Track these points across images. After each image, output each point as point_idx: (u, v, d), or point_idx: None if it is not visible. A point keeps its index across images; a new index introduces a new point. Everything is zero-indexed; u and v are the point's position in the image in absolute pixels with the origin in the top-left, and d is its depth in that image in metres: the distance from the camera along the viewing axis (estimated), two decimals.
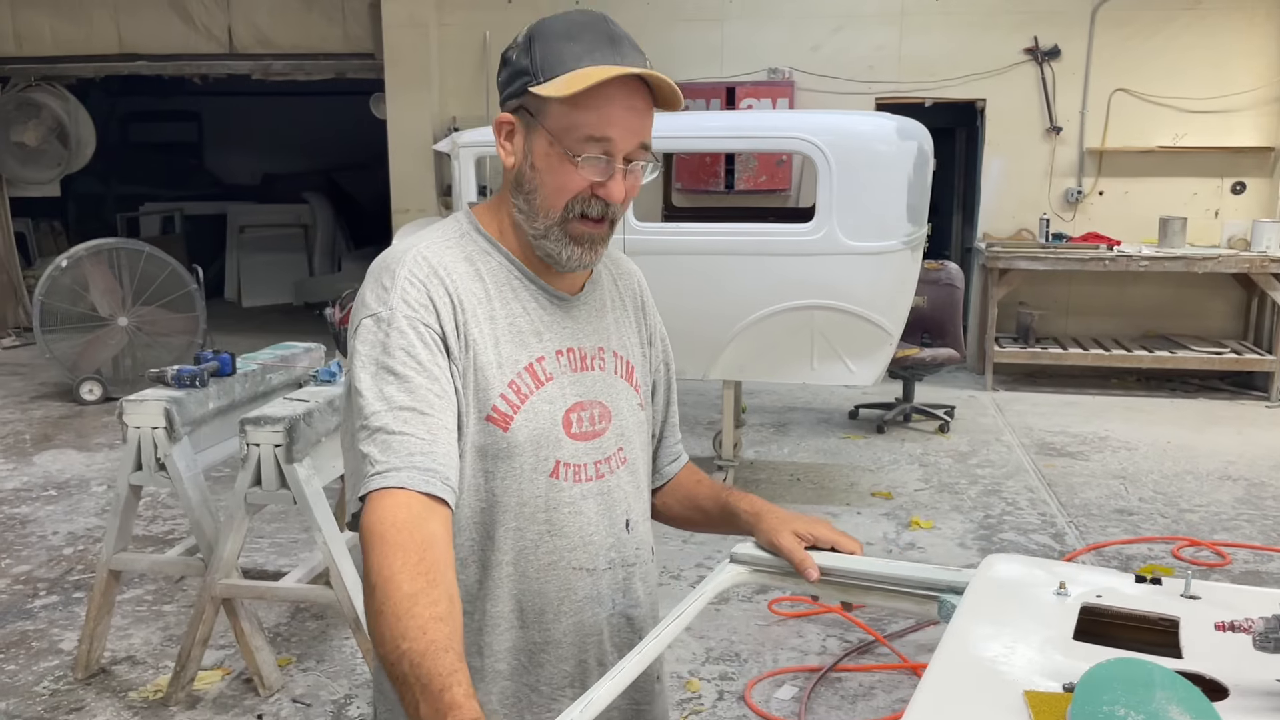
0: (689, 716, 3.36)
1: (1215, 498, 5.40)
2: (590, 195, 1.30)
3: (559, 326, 1.39)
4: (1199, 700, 0.99)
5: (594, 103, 1.26)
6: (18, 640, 3.88)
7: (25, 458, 6.15)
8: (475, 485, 1.33)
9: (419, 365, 1.24)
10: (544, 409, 1.34)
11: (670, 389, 1.62)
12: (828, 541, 1.46)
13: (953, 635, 1.18)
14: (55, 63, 9.52)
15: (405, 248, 1.34)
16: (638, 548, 1.46)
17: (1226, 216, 7.79)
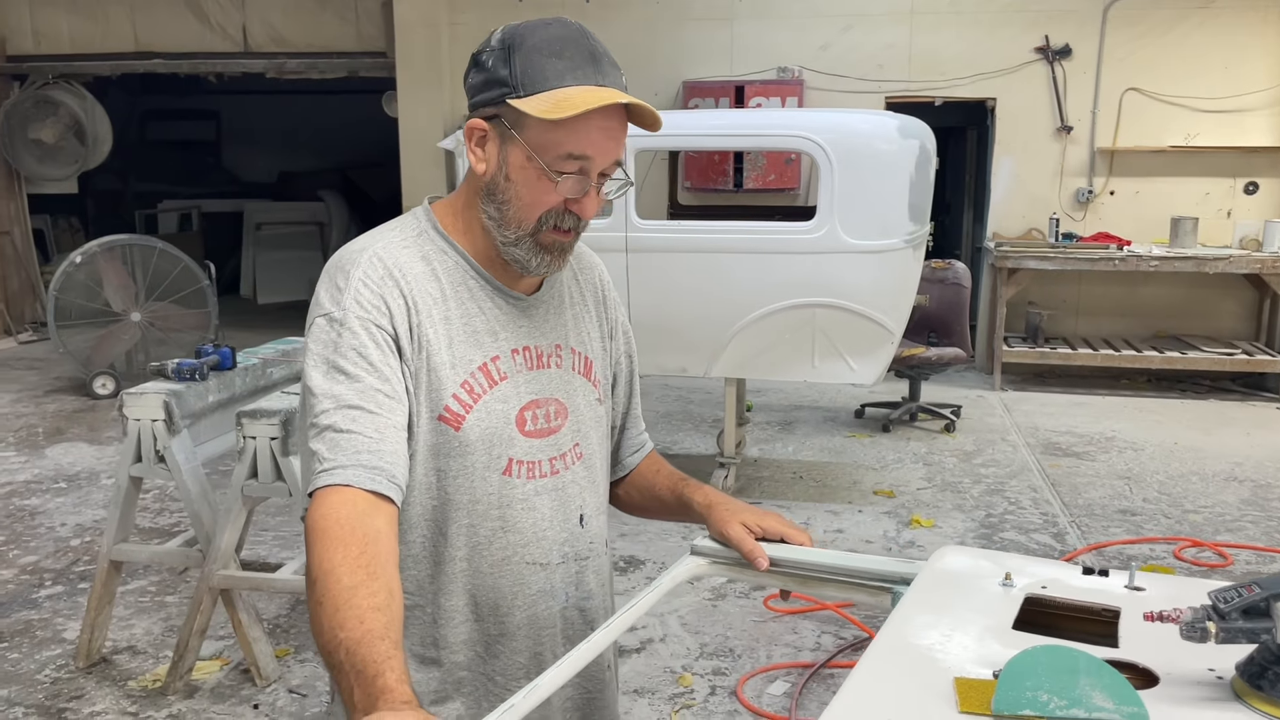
0: (680, 711, 3.38)
1: (1220, 499, 5.38)
2: (564, 210, 1.32)
3: (515, 325, 1.40)
4: (1123, 687, 1.01)
5: (575, 123, 1.26)
6: (22, 629, 3.94)
7: (37, 450, 6.23)
8: (427, 484, 1.34)
9: (369, 365, 1.25)
10: (497, 408, 1.36)
11: (633, 380, 1.63)
12: (777, 533, 1.48)
13: (893, 623, 1.19)
14: (72, 60, 9.63)
15: (361, 247, 1.35)
16: (591, 542, 1.47)
17: (1239, 217, 7.74)
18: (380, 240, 1.36)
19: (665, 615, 4.03)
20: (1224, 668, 1.08)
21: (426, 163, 8.58)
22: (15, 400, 7.48)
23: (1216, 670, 1.08)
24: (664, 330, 5.07)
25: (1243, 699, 1.03)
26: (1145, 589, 1.26)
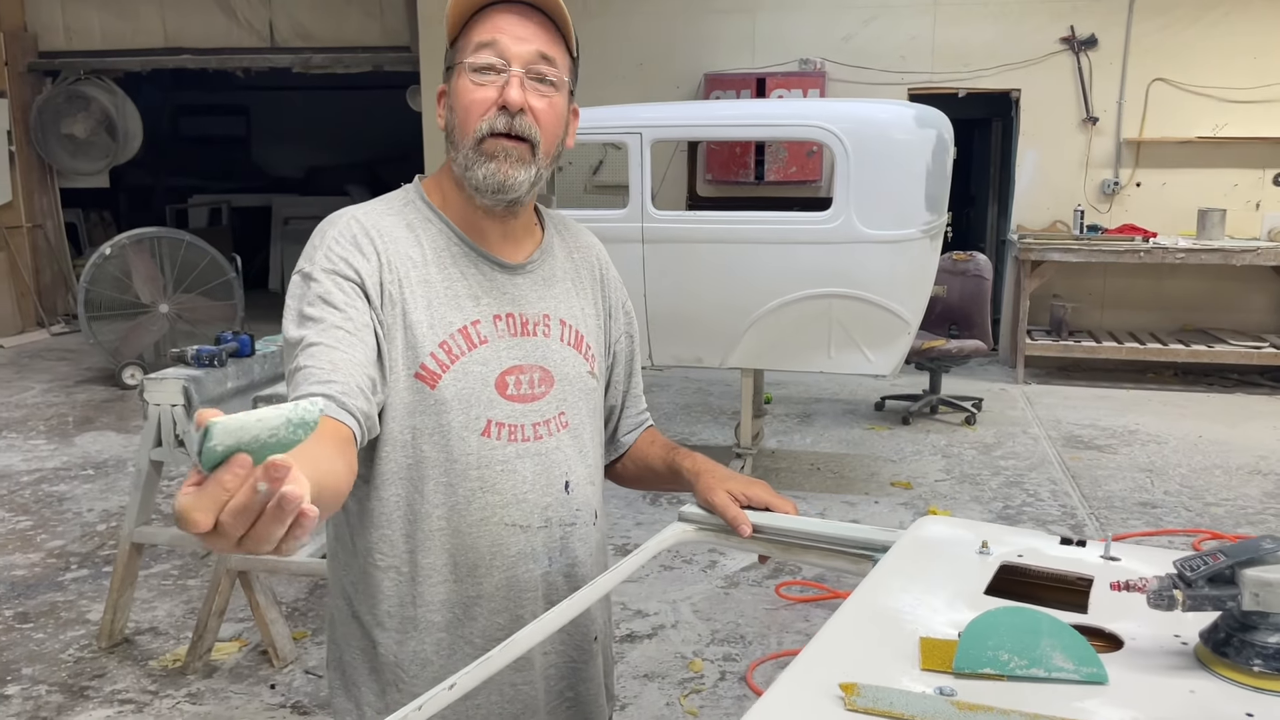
0: (689, 696, 3.40)
1: (1243, 492, 5.32)
2: (497, 112, 1.33)
3: (499, 292, 1.42)
4: (1084, 648, 1.02)
5: (481, 23, 1.34)
6: (47, 610, 4.02)
7: (67, 439, 6.35)
8: (403, 440, 1.37)
9: (332, 307, 1.29)
10: (475, 370, 1.38)
11: (633, 361, 1.66)
12: (762, 502, 1.49)
13: (867, 586, 1.21)
14: (103, 56, 9.78)
15: (342, 212, 1.40)
16: (578, 509, 1.48)
17: (1267, 208, 7.65)
18: (363, 208, 1.41)
19: (677, 602, 4.05)
20: (1189, 635, 1.08)
21: None
22: (46, 390, 7.61)
23: (1182, 637, 1.09)
24: (680, 321, 5.08)
25: (1205, 664, 1.04)
26: (1120, 559, 1.27)
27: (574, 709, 1.52)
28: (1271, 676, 0.98)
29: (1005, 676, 1.01)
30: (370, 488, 1.39)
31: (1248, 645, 1.00)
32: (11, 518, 5.01)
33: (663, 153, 7.54)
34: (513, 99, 1.32)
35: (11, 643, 3.75)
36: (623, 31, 8.36)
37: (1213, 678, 1.01)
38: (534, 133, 1.35)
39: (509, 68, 1.33)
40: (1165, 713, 0.95)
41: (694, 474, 1.53)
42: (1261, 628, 1.00)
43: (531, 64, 1.34)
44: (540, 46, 1.34)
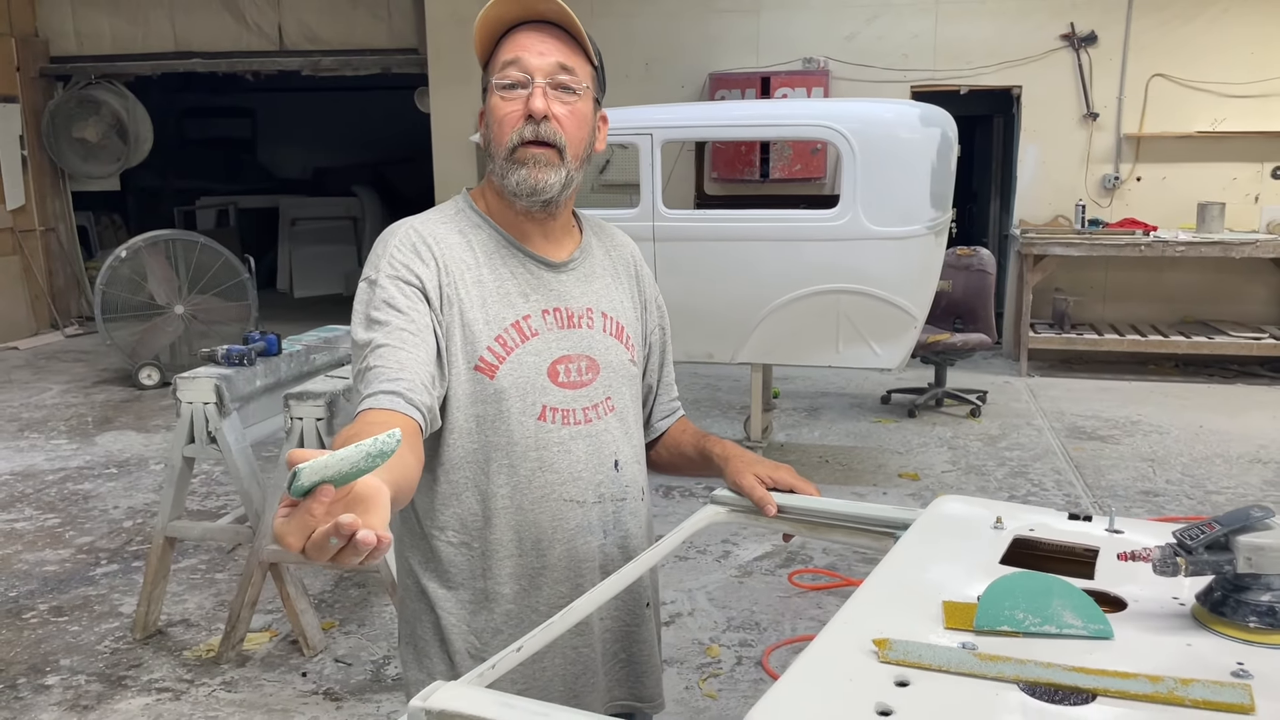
0: (707, 680, 3.52)
1: (1244, 480, 5.43)
2: (524, 122, 1.46)
3: (546, 289, 1.55)
4: (1091, 608, 1.13)
5: (507, 44, 1.48)
6: (81, 604, 4.14)
7: (88, 438, 6.47)
8: (467, 428, 1.50)
9: (396, 311, 1.42)
10: (529, 360, 1.51)
11: (665, 351, 1.79)
12: (787, 484, 1.62)
13: (892, 557, 1.32)
14: (114, 61, 9.90)
15: (401, 222, 1.54)
16: (626, 485, 1.61)
17: (1266, 201, 7.76)
18: (419, 217, 1.55)
19: (694, 591, 4.17)
20: (1186, 598, 1.20)
21: (458, 157, 8.76)
22: (64, 391, 7.73)
23: (1180, 599, 1.20)
24: (690, 317, 5.19)
25: (1202, 622, 1.15)
26: (1124, 531, 1.38)
27: (628, 668, 1.65)
28: (1265, 631, 1.10)
29: (1021, 633, 1.12)
30: (441, 471, 1.51)
31: (1242, 604, 1.11)
32: (40, 515, 5.12)
33: (670, 152, 7.65)
34: (536, 107, 1.45)
35: (48, 635, 3.87)
36: (629, 33, 8.47)
37: (1208, 634, 1.13)
38: (559, 138, 1.47)
39: (532, 80, 1.46)
40: (1166, 663, 1.06)
41: (723, 459, 1.66)
42: (1254, 588, 1.11)
43: (552, 74, 1.47)
44: (559, 58, 1.47)
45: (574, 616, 1.27)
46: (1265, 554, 1.09)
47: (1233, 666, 1.05)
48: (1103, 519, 1.41)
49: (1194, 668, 1.05)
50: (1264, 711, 0.96)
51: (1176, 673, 1.02)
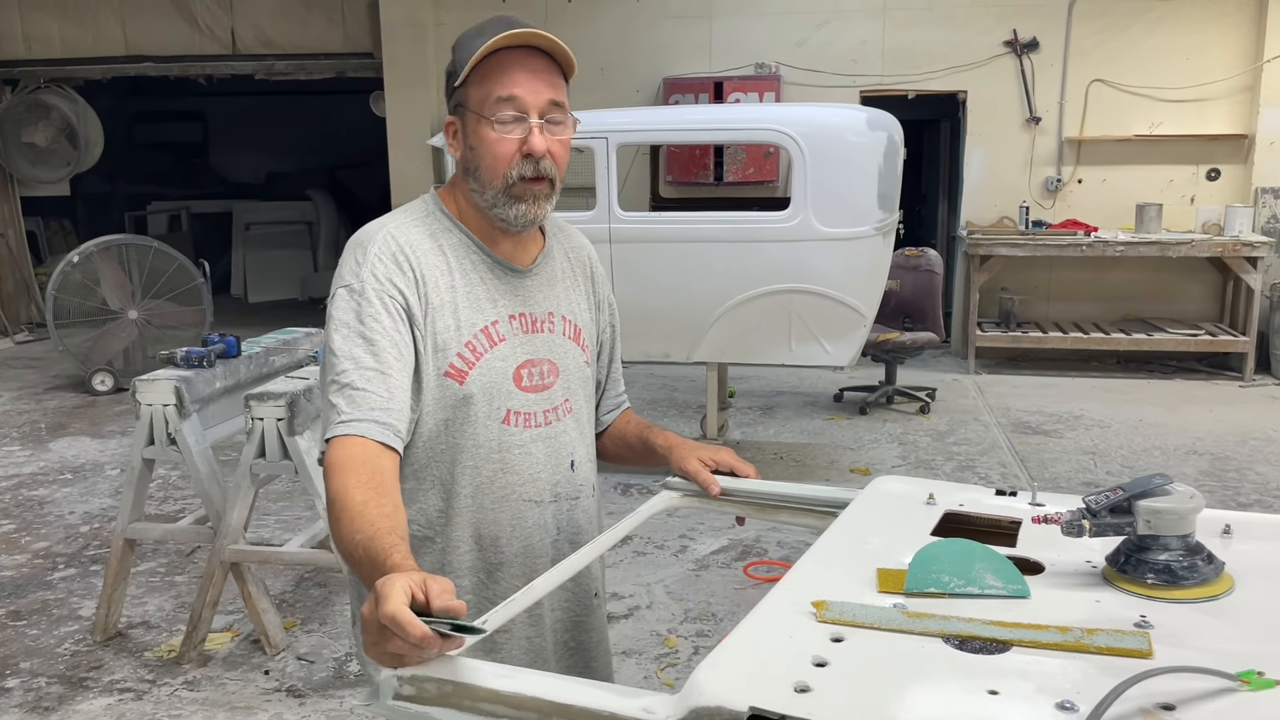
0: (665, 669, 3.61)
1: (1180, 470, 5.63)
2: (521, 158, 1.52)
3: (512, 294, 1.61)
4: (1011, 570, 1.24)
5: (496, 71, 1.50)
6: (39, 608, 4.14)
7: (42, 445, 6.42)
8: (436, 431, 1.56)
9: (383, 330, 1.47)
10: (496, 365, 1.57)
11: (615, 347, 1.87)
12: (728, 466, 1.73)
13: (833, 530, 1.42)
14: (63, 65, 9.78)
15: (378, 226, 1.58)
16: (580, 484, 1.69)
17: (1201, 202, 8.01)
18: (393, 221, 1.58)
19: (651, 585, 4.26)
20: (1098, 561, 1.31)
21: (414, 161, 8.78)
22: (16, 398, 7.66)
23: (1092, 562, 1.31)
24: (646, 318, 5.29)
25: (1110, 581, 1.26)
26: (1045, 505, 1.49)
27: (578, 655, 1.73)
28: (1162, 587, 1.21)
29: (946, 594, 1.22)
30: (408, 470, 1.57)
31: (1143, 563, 1.22)
32: None
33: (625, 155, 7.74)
34: (537, 148, 1.51)
35: (6, 639, 3.87)
36: (584, 37, 8.55)
37: (1115, 591, 1.24)
38: (555, 172, 1.55)
39: (529, 118, 1.51)
40: (1076, 617, 1.16)
41: (667, 448, 1.76)
42: (1153, 548, 1.22)
43: (546, 112, 1.52)
44: (551, 94, 1.52)
45: (534, 595, 1.36)
46: (1162, 517, 1.21)
47: (1135, 619, 1.16)
48: (1027, 494, 1.52)
49: (1101, 620, 1.16)
50: (1161, 655, 1.07)
51: (1085, 625, 1.13)
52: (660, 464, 1.77)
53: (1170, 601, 1.19)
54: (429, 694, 1.13)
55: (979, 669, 1.06)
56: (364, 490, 1.35)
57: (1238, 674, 0.99)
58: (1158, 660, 1.06)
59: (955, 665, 1.08)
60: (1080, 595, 1.23)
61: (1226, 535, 1.37)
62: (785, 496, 1.64)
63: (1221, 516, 1.40)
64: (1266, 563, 1.29)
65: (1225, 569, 1.24)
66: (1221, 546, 1.31)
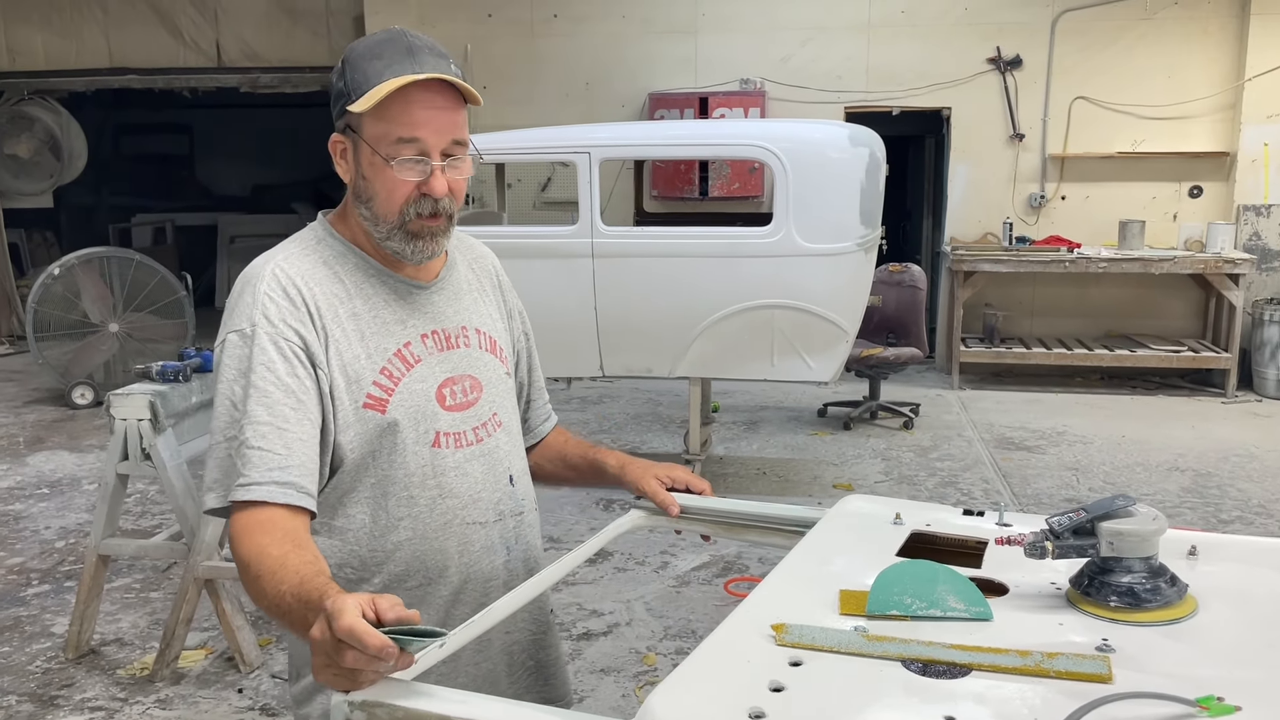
0: (644, 687, 3.58)
1: (1163, 487, 5.64)
2: (419, 195, 1.45)
3: (421, 313, 1.54)
4: (973, 592, 1.23)
5: (397, 109, 1.41)
6: (11, 625, 4.09)
7: (19, 459, 6.36)
8: (363, 465, 1.47)
9: (277, 379, 1.38)
10: (417, 388, 1.50)
11: (532, 356, 1.81)
12: (682, 483, 1.70)
13: (797, 551, 1.41)
14: (47, 77, 9.75)
15: (265, 260, 1.49)
16: (522, 499, 1.64)
17: (1184, 219, 8.06)
18: (282, 253, 1.50)
19: (631, 601, 4.23)
20: (1063, 583, 1.30)
21: None
22: None
23: (1057, 584, 1.30)
24: (629, 332, 5.28)
25: (1073, 603, 1.25)
26: (1012, 525, 1.48)
27: (536, 674, 1.70)
28: (1125, 610, 1.20)
29: (909, 617, 1.21)
30: (336, 514, 1.49)
31: (1106, 585, 1.21)
32: None
33: (610, 170, 7.75)
34: (438, 191, 1.44)
35: None
36: (569, 53, 8.58)
37: (1078, 613, 1.22)
38: (453, 208, 1.49)
39: (429, 162, 1.43)
40: (1037, 639, 1.15)
41: (620, 469, 1.72)
42: (1116, 570, 1.21)
43: (447, 152, 1.45)
44: (453, 133, 1.45)
45: (496, 615, 1.33)
46: (1125, 539, 1.20)
47: (1098, 642, 1.15)
48: (994, 514, 1.51)
49: (1062, 644, 1.15)
50: (1121, 680, 1.06)
51: (1047, 649, 1.12)
52: (611, 484, 1.74)
53: (1133, 624, 1.18)
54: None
55: (937, 693, 1.05)
56: (280, 546, 1.30)
57: (1197, 699, 0.98)
58: (1118, 685, 1.04)
59: (913, 690, 1.06)
60: (1043, 618, 1.22)
61: (1192, 556, 1.36)
62: (751, 515, 1.62)
63: (1187, 537, 1.39)
64: (1230, 584, 1.28)
65: (1189, 591, 1.23)
66: (1187, 568, 1.30)
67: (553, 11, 8.59)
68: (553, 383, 8.06)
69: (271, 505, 1.34)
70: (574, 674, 3.65)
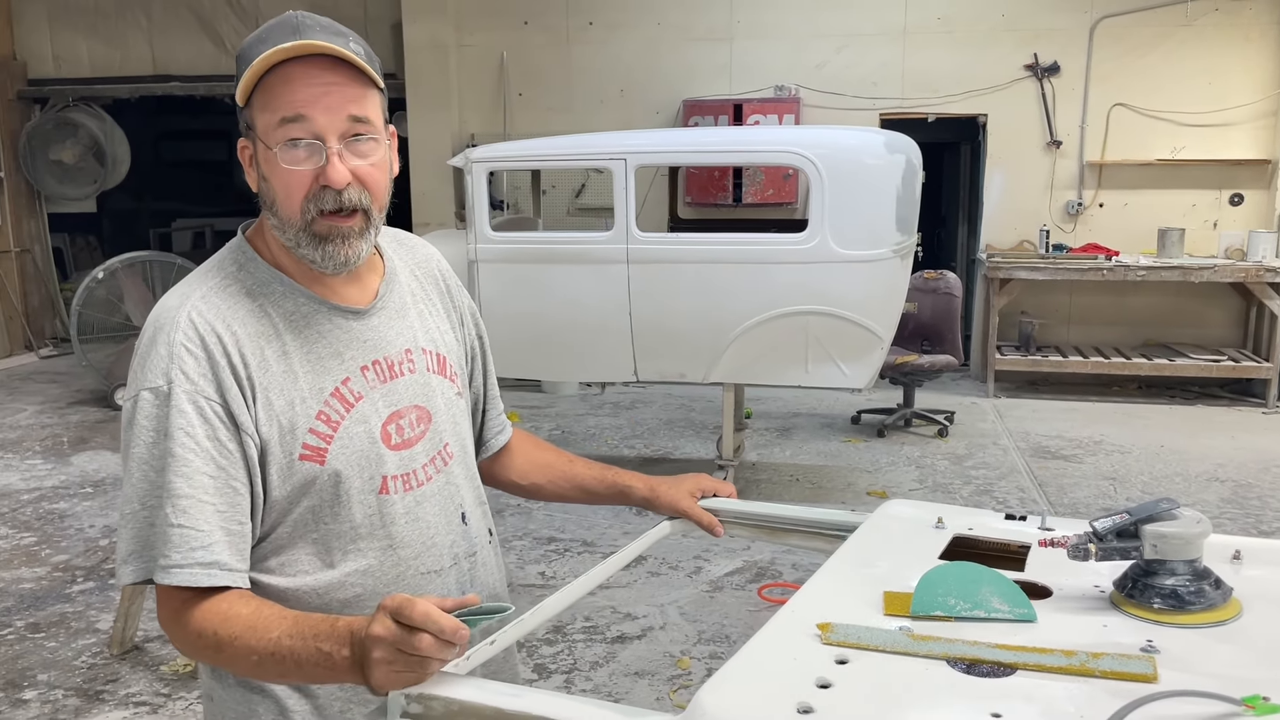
0: (678, 690, 3.60)
1: (1202, 497, 5.58)
2: (319, 189, 1.27)
3: (359, 342, 1.37)
4: (1017, 594, 1.24)
5: (278, 88, 1.25)
6: (58, 621, 4.17)
7: (63, 458, 6.48)
8: (304, 523, 1.33)
9: (197, 445, 1.24)
10: (358, 430, 1.34)
11: (487, 360, 1.65)
12: (710, 491, 1.68)
13: (840, 554, 1.43)
14: (92, 84, 9.94)
15: (179, 301, 1.31)
16: (475, 537, 1.50)
17: (1224, 227, 7.97)
18: (199, 290, 1.32)
19: (665, 606, 4.25)
20: (1106, 585, 1.31)
21: (436, 181, 8.85)
22: (39, 411, 7.74)
23: (1100, 587, 1.31)
24: (663, 338, 5.31)
25: (1117, 605, 1.26)
26: (1054, 530, 1.49)
27: None
28: (1169, 611, 1.20)
29: (953, 617, 1.22)
30: (276, 576, 1.33)
31: (1149, 587, 1.22)
32: (15, 534, 5.15)
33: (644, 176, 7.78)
34: (336, 179, 1.26)
35: (25, 651, 3.91)
36: (604, 59, 8.63)
37: (1122, 615, 1.23)
38: (365, 201, 1.30)
39: (324, 144, 1.26)
40: (1083, 641, 1.16)
41: (650, 493, 1.66)
42: (1160, 573, 1.22)
43: (345, 132, 1.27)
44: (350, 110, 1.27)
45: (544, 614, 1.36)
46: (1169, 541, 1.21)
47: (1142, 643, 1.16)
48: (1036, 519, 1.52)
49: (1107, 645, 1.15)
50: (1166, 680, 1.07)
51: (1091, 649, 1.13)
52: (634, 506, 1.68)
53: (1177, 626, 1.19)
54: (436, 713, 1.13)
55: (983, 692, 1.06)
56: (244, 604, 1.23)
57: (1243, 699, 0.99)
58: (1163, 684, 1.05)
59: (959, 688, 1.08)
60: (1087, 619, 1.23)
61: (1236, 560, 1.36)
62: (792, 520, 1.64)
63: (1232, 542, 1.39)
64: (1276, 589, 1.29)
65: (1233, 594, 1.24)
66: (1231, 572, 1.31)
67: (588, 19, 8.65)
68: (585, 388, 8.13)
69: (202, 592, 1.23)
70: (609, 676, 3.68)
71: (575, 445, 6.66)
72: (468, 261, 5.37)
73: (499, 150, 5.67)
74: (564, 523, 5.19)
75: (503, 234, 5.52)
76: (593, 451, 6.51)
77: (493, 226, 5.47)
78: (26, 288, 10.24)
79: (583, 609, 4.15)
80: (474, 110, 8.95)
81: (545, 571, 4.62)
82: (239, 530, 1.27)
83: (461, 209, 8.64)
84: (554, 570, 4.64)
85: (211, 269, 1.37)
